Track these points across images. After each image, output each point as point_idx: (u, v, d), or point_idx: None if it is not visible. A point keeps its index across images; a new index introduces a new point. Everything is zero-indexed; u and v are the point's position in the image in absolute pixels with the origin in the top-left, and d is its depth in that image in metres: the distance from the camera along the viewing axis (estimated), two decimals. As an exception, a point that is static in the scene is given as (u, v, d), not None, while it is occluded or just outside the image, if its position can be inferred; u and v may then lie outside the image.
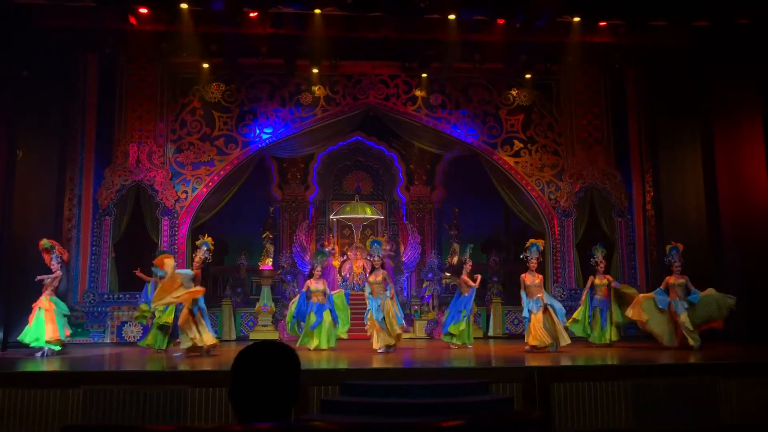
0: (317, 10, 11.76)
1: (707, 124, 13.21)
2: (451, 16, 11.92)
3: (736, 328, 11.03)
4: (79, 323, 13.05)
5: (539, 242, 11.48)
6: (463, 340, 11.31)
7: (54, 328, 10.36)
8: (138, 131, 13.98)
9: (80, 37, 12.90)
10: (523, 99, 14.72)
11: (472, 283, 11.49)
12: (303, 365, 2.17)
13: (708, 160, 13.15)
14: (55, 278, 10.74)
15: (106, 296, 13.43)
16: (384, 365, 8.85)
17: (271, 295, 14.09)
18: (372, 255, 11.29)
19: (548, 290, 13.26)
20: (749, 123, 12.41)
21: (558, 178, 14.59)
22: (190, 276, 10.39)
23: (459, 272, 12.16)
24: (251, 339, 13.19)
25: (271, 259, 14.84)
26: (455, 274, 12.57)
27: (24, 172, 12.29)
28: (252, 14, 12.02)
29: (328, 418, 7.04)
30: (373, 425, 2.06)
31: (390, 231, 16.00)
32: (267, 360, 2.12)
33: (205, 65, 13.56)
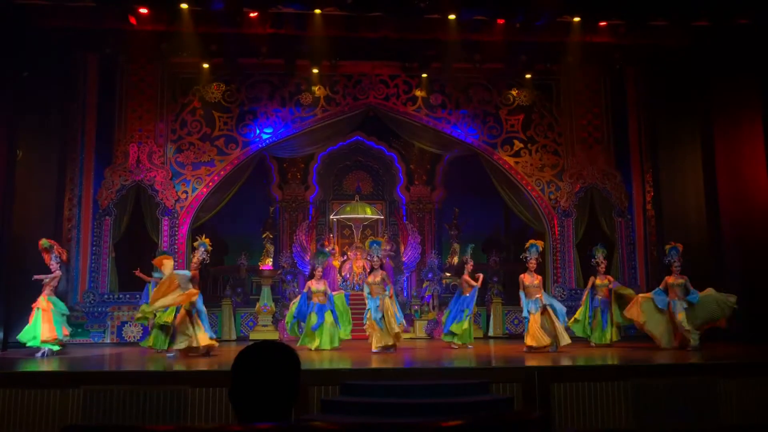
0: (317, 10, 11.77)
1: (707, 124, 13.21)
2: (451, 16, 11.92)
3: (736, 328, 11.03)
4: (79, 323, 13.06)
5: (539, 243, 11.50)
6: (464, 339, 11.31)
7: (51, 328, 10.34)
8: (138, 131, 13.98)
9: (80, 37, 12.89)
10: (523, 99, 14.72)
11: (474, 282, 11.50)
12: (303, 365, 2.17)
13: (708, 160, 13.15)
14: (53, 278, 10.74)
15: (106, 296, 13.43)
16: (384, 365, 8.85)
17: (271, 295, 14.08)
18: (371, 255, 11.30)
19: (548, 290, 13.27)
20: (749, 123, 12.41)
21: (558, 178, 14.59)
22: (188, 277, 10.37)
23: (460, 272, 12.16)
24: (251, 339, 13.19)
25: (271, 259, 14.84)
26: (457, 274, 12.57)
27: (24, 172, 12.28)
28: (252, 14, 12.02)
29: (328, 418, 7.04)
30: (373, 425, 2.06)
31: (390, 231, 16.00)
32: (267, 360, 2.13)
33: (205, 65, 13.56)
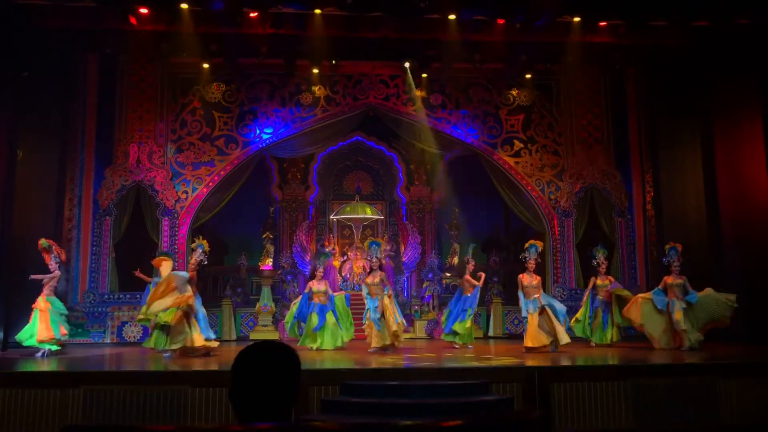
0: (317, 10, 11.77)
1: (707, 124, 13.20)
2: (451, 16, 11.92)
3: (736, 328, 11.03)
4: (79, 323, 13.07)
5: (538, 243, 11.47)
6: (465, 339, 11.31)
7: (47, 328, 10.30)
8: (138, 131, 13.98)
9: (80, 37, 12.89)
10: (523, 99, 14.72)
11: (475, 282, 11.50)
12: (303, 365, 2.17)
13: (708, 160, 13.15)
14: (52, 278, 10.71)
15: (106, 296, 13.43)
16: (384, 365, 8.84)
17: (271, 295, 14.09)
18: (370, 256, 11.25)
19: (548, 290, 13.27)
20: (749, 123, 12.41)
21: (558, 178, 14.59)
22: (185, 278, 10.34)
23: (462, 272, 12.16)
24: (251, 339, 13.19)
25: (272, 260, 14.84)
26: (458, 274, 12.56)
27: (24, 172, 12.28)
28: (252, 14, 12.01)
29: (328, 418, 7.04)
30: (373, 425, 2.06)
31: (390, 231, 15.99)
32: (267, 360, 2.13)
33: (205, 65, 13.55)
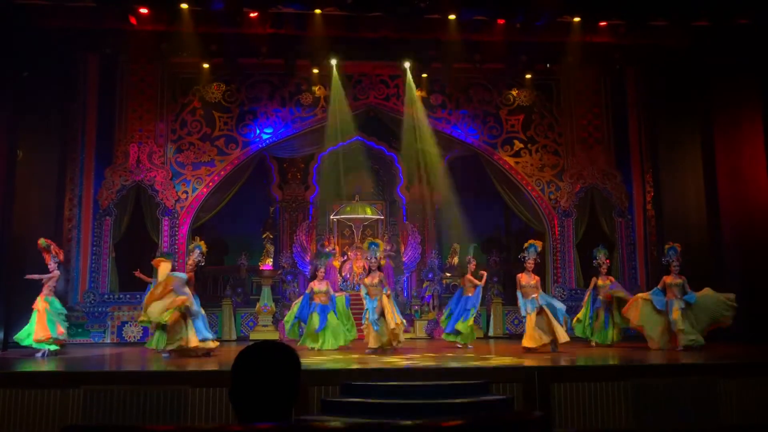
0: (317, 10, 11.77)
1: (707, 124, 13.20)
2: (451, 16, 11.92)
3: (736, 328, 11.01)
4: (79, 323, 13.07)
5: (537, 243, 11.42)
6: (466, 339, 11.30)
7: (44, 327, 10.26)
8: (138, 131, 13.98)
9: (80, 37, 12.89)
10: (524, 99, 14.72)
11: (477, 281, 11.50)
12: (303, 365, 2.17)
13: (708, 160, 13.15)
14: (50, 278, 10.69)
15: (106, 296, 13.43)
16: (384, 366, 8.83)
17: (271, 295, 14.09)
18: (369, 257, 11.19)
19: (548, 290, 13.27)
20: (749, 123, 12.41)
21: (558, 178, 14.58)
22: (184, 279, 10.32)
23: (464, 272, 12.15)
24: (251, 339, 13.19)
25: (272, 260, 14.83)
26: (460, 273, 12.56)
27: (24, 172, 12.28)
28: (252, 14, 12.01)
29: (328, 419, 7.04)
30: (373, 425, 2.06)
31: (390, 231, 15.98)
32: (267, 360, 2.12)
33: (205, 65, 13.56)
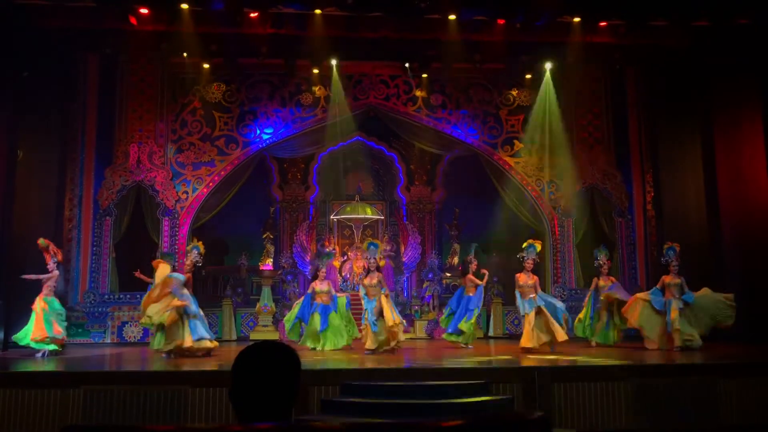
0: (317, 10, 11.77)
1: (707, 124, 13.20)
2: (452, 17, 11.92)
3: (736, 328, 11.01)
4: (79, 323, 13.08)
5: (536, 243, 11.42)
6: (468, 339, 11.30)
7: (40, 327, 10.23)
8: (138, 131, 13.98)
9: (80, 37, 12.89)
10: (524, 99, 14.72)
11: (479, 281, 11.51)
12: (303, 365, 2.17)
13: (708, 160, 13.14)
14: (49, 278, 10.67)
15: (106, 296, 13.43)
16: (384, 366, 8.84)
17: (271, 295, 14.09)
18: (368, 257, 11.15)
19: (548, 290, 13.26)
20: (749, 123, 12.41)
21: (558, 179, 14.57)
22: (182, 281, 10.31)
23: (466, 271, 12.16)
24: (252, 339, 13.19)
25: (272, 260, 14.83)
26: (462, 273, 12.58)
27: (24, 172, 12.28)
28: (252, 14, 12.01)
29: (328, 419, 7.04)
30: (373, 425, 2.06)
31: (390, 231, 15.99)
32: (267, 360, 2.13)
33: (206, 65, 13.55)
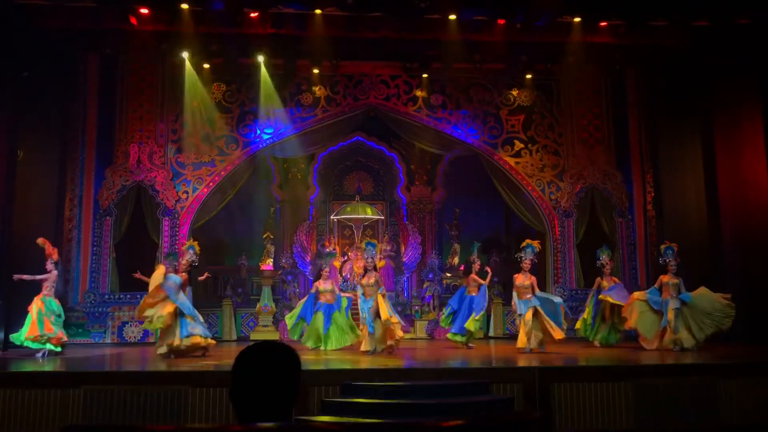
0: (318, 11, 11.78)
1: (707, 124, 13.21)
2: (452, 17, 11.93)
3: (736, 328, 11.01)
4: (79, 323, 13.08)
5: (535, 243, 11.39)
6: (469, 339, 11.30)
7: (33, 326, 10.21)
8: (138, 131, 13.97)
9: (80, 37, 12.90)
10: (524, 99, 14.71)
11: (481, 281, 11.52)
12: (303, 365, 2.17)
13: (708, 160, 13.15)
14: (45, 279, 10.63)
15: (106, 296, 13.42)
16: (384, 366, 8.84)
17: (271, 295, 14.08)
18: (366, 257, 11.12)
19: (549, 290, 13.25)
20: (749, 123, 12.42)
21: (559, 179, 14.57)
22: (178, 283, 10.28)
23: (468, 271, 12.17)
24: (252, 339, 13.20)
25: (272, 260, 14.82)
26: (466, 273, 12.59)
27: (24, 172, 12.28)
28: (252, 14, 12.02)
29: (328, 419, 7.05)
30: (373, 425, 2.06)
31: (390, 231, 15.99)
32: (268, 360, 2.13)
33: (206, 65, 13.56)
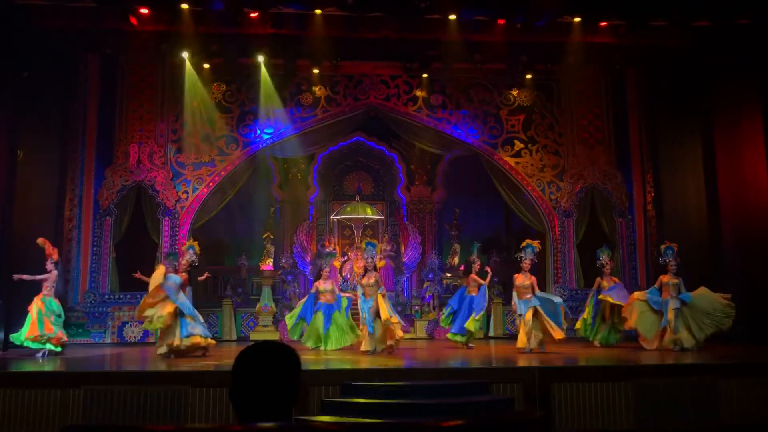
0: (318, 11, 11.78)
1: (707, 124, 13.21)
2: (452, 17, 11.94)
3: (736, 328, 11.01)
4: (80, 323, 13.08)
5: (535, 243, 11.38)
6: (469, 338, 11.30)
7: (33, 326, 10.22)
8: (138, 131, 13.97)
9: (80, 37, 12.90)
10: (524, 99, 14.71)
11: (481, 281, 11.52)
12: (303, 365, 2.17)
13: (708, 160, 13.15)
14: (44, 279, 10.63)
15: (106, 296, 13.42)
16: (384, 366, 8.84)
17: (271, 295, 14.08)
18: (366, 257, 11.12)
19: (549, 291, 13.25)
20: (749, 123, 12.42)
21: (559, 179, 14.57)
22: (178, 283, 10.28)
23: (469, 271, 12.17)
24: (252, 339, 13.20)
25: (272, 260, 14.82)
26: (466, 273, 12.59)
27: (24, 172, 12.28)
28: (252, 14, 12.02)
29: (328, 419, 7.05)
30: (373, 425, 2.06)
31: (390, 231, 15.99)
32: (268, 360, 2.13)
33: (206, 65, 13.56)
